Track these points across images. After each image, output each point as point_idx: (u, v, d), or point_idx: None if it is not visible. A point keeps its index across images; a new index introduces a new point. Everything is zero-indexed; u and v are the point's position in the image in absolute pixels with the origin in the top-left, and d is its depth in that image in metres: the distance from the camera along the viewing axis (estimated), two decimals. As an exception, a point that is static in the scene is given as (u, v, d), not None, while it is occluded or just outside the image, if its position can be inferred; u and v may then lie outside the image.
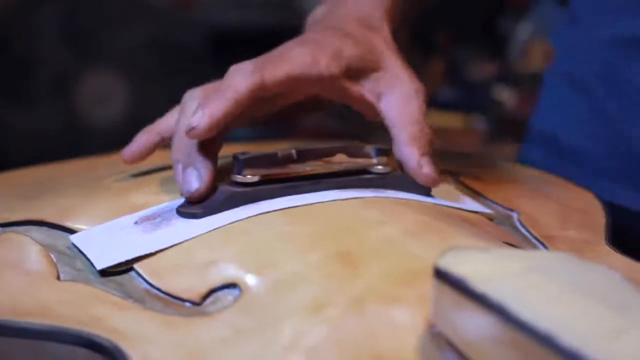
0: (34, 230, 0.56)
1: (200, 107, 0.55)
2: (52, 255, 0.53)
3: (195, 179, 0.56)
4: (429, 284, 0.42)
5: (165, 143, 0.62)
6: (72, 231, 0.55)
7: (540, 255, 0.43)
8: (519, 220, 0.60)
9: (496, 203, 0.62)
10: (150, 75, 2.18)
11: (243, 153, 0.56)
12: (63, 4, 2.06)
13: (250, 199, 0.55)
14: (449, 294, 0.41)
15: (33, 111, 2.05)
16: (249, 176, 0.56)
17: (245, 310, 0.47)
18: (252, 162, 0.56)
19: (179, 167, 0.57)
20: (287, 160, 0.57)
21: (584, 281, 0.41)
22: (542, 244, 0.58)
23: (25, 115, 2.04)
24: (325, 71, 0.59)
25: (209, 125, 0.55)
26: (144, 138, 0.62)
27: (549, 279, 0.40)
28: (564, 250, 0.56)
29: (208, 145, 0.57)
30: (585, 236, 0.59)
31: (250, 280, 0.49)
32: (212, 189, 0.56)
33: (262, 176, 0.56)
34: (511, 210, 0.62)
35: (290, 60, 0.58)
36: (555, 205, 0.63)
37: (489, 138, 2.11)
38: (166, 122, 0.62)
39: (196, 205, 0.55)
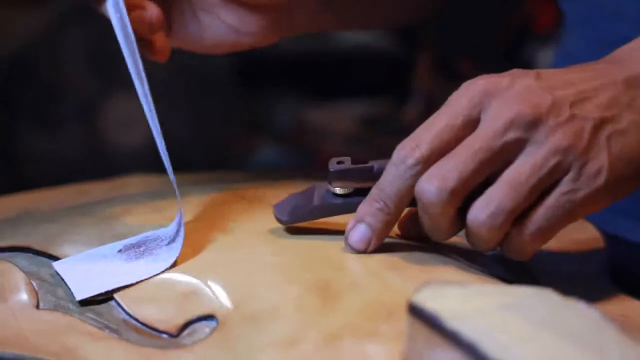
0: (20, 257, 0.55)
1: None
2: (34, 283, 0.53)
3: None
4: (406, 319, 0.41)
5: None
6: (57, 258, 0.55)
7: (518, 292, 0.42)
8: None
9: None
10: (176, 101, 2.19)
11: (339, 162, 0.54)
12: (89, 30, 2.07)
13: (339, 211, 0.54)
14: (422, 331, 0.40)
15: (59, 136, 2.06)
16: (337, 189, 0.54)
17: (220, 344, 0.46)
18: (341, 175, 0.53)
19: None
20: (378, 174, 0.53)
21: (560, 320, 0.39)
22: (535, 279, 0.56)
23: (51, 140, 2.05)
24: None
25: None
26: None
27: (523, 317, 0.39)
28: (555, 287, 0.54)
29: None
30: (584, 271, 0.58)
31: (227, 312, 0.48)
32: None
33: (355, 189, 0.54)
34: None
35: None
36: (554, 239, 0.62)
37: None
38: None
39: (285, 212, 0.54)
